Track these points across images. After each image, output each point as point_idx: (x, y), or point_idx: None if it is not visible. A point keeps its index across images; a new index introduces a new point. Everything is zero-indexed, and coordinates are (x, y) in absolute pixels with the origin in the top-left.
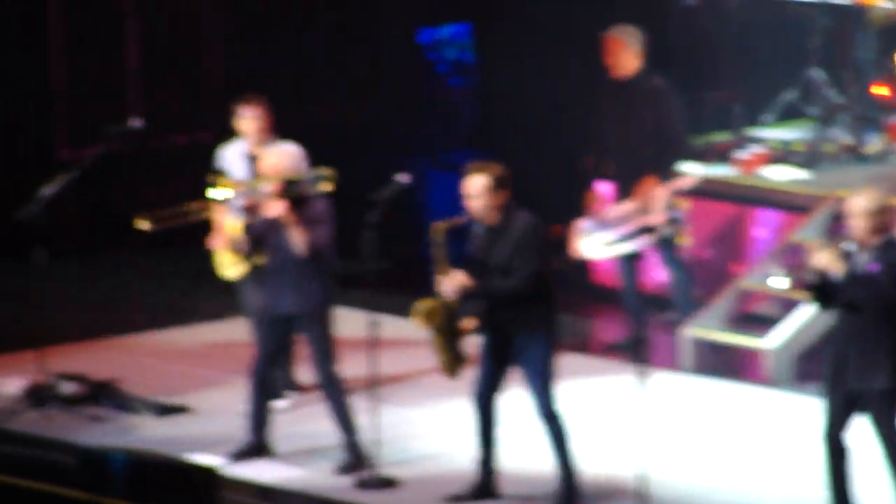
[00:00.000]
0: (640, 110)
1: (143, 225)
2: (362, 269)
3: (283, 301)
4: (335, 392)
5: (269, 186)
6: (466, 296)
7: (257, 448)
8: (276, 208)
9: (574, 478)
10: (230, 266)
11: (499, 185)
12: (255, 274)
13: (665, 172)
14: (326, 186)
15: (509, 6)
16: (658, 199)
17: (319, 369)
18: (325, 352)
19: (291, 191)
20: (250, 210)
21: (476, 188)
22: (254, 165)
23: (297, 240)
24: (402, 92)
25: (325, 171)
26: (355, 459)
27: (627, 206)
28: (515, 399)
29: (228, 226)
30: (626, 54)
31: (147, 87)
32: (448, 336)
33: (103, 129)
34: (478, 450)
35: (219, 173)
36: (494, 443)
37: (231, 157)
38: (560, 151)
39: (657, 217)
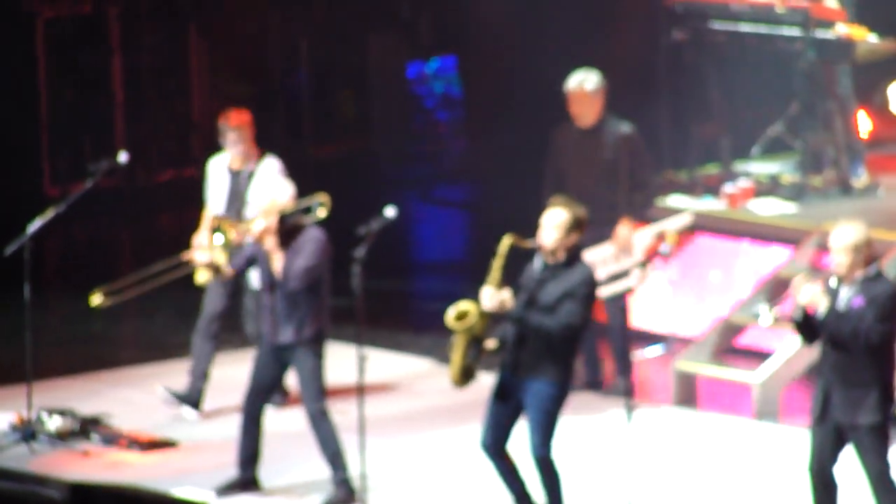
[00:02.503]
0: (608, 156)
1: (97, 300)
2: (349, 303)
3: (276, 331)
4: (324, 427)
5: (264, 223)
6: (500, 316)
7: (245, 483)
8: (257, 226)
9: None
10: (202, 272)
11: (575, 225)
12: (257, 304)
13: (638, 215)
14: (322, 213)
15: (494, 39)
16: (635, 240)
17: (308, 404)
18: (315, 386)
19: (286, 223)
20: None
21: (554, 221)
22: (236, 180)
23: (275, 262)
24: (390, 126)
25: (320, 197)
26: (344, 495)
27: (605, 249)
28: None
29: (213, 249)
30: (591, 103)
31: (133, 122)
32: (469, 344)
33: (90, 165)
34: (510, 494)
35: (221, 218)
36: (520, 482)
37: (216, 169)
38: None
39: (636, 257)
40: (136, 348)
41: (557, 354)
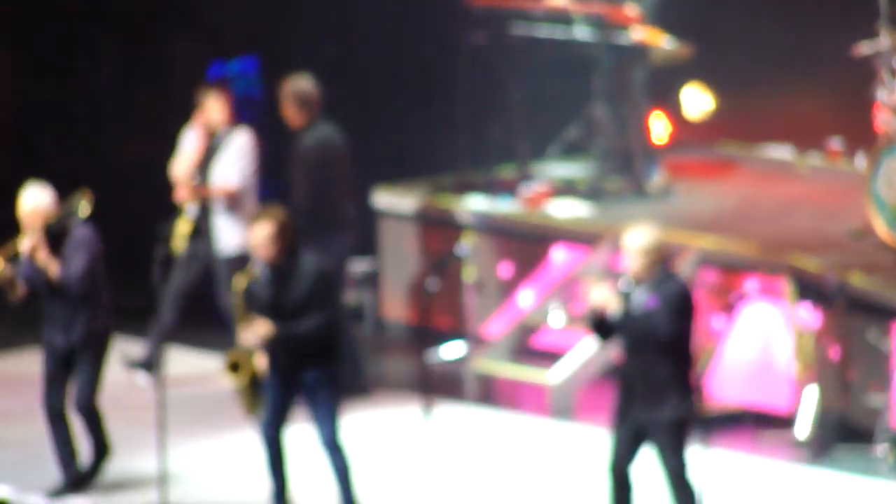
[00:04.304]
0: (293, 167)
1: None
2: (152, 301)
3: (55, 335)
4: (91, 420)
5: (29, 241)
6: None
7: (73, 483)
8: (24, 245)
9: None
10: None
11: (283, 230)
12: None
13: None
14: (85, 211)
15: (298, 40)
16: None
17: (80, 399)
18: (90, 383)
19: (52, 229)
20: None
21: (261, 238)
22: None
23: (52, 272)
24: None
25: (79, 196)
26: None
27: None
28: (302, 433)
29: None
30: (288, 107)
31: None
32: (252, 383)
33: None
34: (270, 484)
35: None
36: (286, 476)
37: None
38: (355, 184)
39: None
40: None
41: (323, 344)
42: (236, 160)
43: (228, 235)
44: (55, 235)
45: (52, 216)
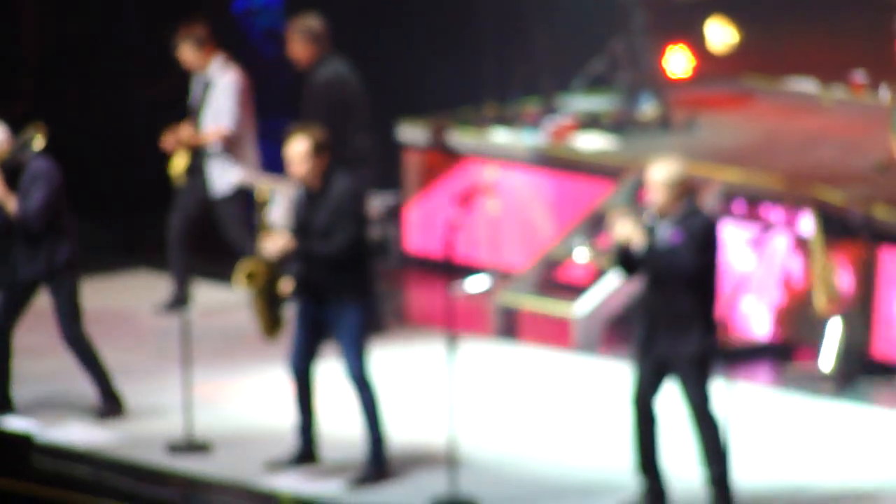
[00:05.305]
0: (306, 102)
1: None
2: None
3: (19, 267)
4: (81, 350)
5: None
6: (287, 258)
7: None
8: None
9: (383, 443)
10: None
11: (319, 149)
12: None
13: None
14: (39, 144)
15: None
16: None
17: (64, 329)
18: (68, 312)
19: (7, 164)
20: None
21: (297, 154)
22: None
23: (10, 208)
24: None
25: (33, 129)
26: (110, 403)
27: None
28: (332, 368)
29: None
30: (296, 45)
31: None
32: (268, 298)
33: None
34: (297, 417)
35: None
36: (313, 410)
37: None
38: (375, 118)
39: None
40: None
41: (350, 274)
42: (226, 101)
43: (224, 175)
44: (11, 171)
45: (5, 151)
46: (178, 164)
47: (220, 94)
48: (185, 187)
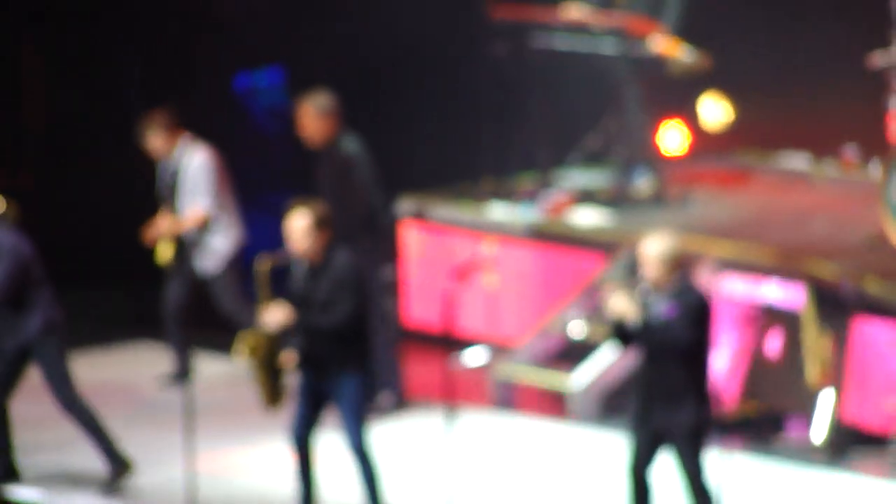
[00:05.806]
0: (332, 179)
1: None
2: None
3: (1, 338)
4: (79, 414)
5: None
6: (287, 331)
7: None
8: None
9: None
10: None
11: (320, 224)
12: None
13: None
14: (7, 218)
15: (321, 52)
16: None
17: (57, 396)
18: (57, 378)
19: None
20: None
21: (298, 229)
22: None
23: None
24: (217, 138)
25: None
26: (116, 465)
27: None
28: (333, 439)
29: None
30: (311, 122)
31: None
32: (269, 370)
33: None
34: (298, 487)
35: None
36: (314, 481)
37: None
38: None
39: None
40: None
41: (350, 345)
42: (201, 183)
43: (214, 252)
44: None
45: None
46: (164, 253)
47: (194, 175)
48: (175, 271)
